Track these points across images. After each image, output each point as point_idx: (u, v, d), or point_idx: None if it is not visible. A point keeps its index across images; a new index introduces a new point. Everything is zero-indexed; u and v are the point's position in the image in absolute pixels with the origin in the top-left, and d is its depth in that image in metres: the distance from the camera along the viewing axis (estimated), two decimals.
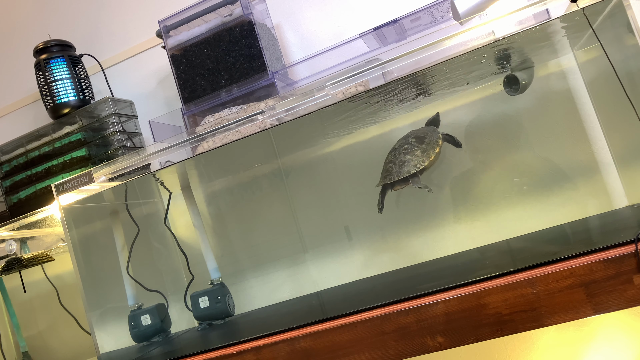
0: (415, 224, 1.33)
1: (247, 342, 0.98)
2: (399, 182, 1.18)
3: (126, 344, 1.31)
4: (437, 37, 0.97)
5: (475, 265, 1.04)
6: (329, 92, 1.04)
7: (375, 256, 1.36)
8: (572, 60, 1.24)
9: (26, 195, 1.49)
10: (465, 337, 0.84)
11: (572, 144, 1.24)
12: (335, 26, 1.43)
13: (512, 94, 1.22)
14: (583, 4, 0.91)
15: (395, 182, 1.18)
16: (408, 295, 0.91)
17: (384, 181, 1.20)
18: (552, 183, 1.24)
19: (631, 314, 1.18)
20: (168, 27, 1.34)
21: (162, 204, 1.50)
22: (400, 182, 1.18)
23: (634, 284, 0.77)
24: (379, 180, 1.23)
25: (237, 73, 1.27)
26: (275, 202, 1.44)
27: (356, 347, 0.88)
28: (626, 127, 1.08)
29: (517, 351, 1.25)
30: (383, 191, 1.25)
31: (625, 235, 0.84)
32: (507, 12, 0.94)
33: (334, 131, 1.34)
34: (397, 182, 1.18)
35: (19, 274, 1.50)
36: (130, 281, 1.32)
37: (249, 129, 1.10)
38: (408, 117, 1.34)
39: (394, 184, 1.19)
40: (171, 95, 1.58)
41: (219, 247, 1.48)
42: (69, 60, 1.51)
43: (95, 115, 1.47)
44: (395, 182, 1.18)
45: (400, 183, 1.18)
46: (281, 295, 1.42)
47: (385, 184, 1.21)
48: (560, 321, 0.80)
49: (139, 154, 1.16)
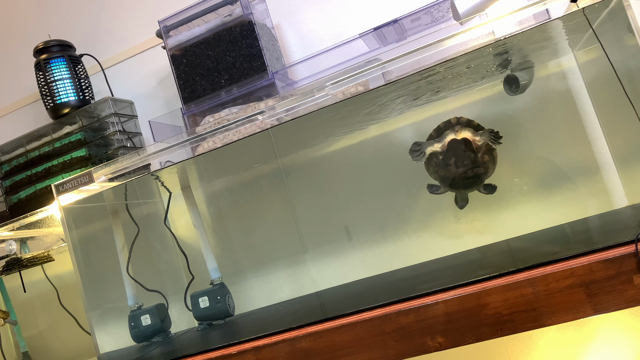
0: (415, 223, 1.33)
1: (247, 342, 0.98)
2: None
3: (126, 344, 1.31)
4: (437, 37, 0.97)
5: (475, 265, 1.04)
6: (329, 92, 1.04)
7: (375, 256, 1.36)
8: (572, 60, 1.24)
9: (26, 195, 1.49)
10: (465, 337, 0.84)
11: (572, 144, 1.24)
12: (335, 26, 1.43)
13: (512, 94, 1.22)
14: (583, 4, 0.91)
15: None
16: (408, 295, 0.91)
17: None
18: (552, 183, 1.24)
19: (631, 314, 1.18)
20: (168, 27, 1.34)
21: (162, 204, 1.50)
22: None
23: (634, 284, 0.77)
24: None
25: (237, 73, 1.27)
26: (275, 202, 1.44)
27: (356, 347, 0.88)
28: (626, 127, 1.08)
29: (517, 351, 1.25)
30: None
31: (625, 235, 0.84)
32: (507, 12, 0.94)
33: (334, 131, 1.34)
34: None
35: (19, 274, 1.50)
36: (130, 281, 1.32)
37: (249, 129, 1.10)
38: (408, 117, 1.34)
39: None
40: (171, 95, 1.58)
41: (219, 247, 1.48)
42: (69, 60, 1.51)
43: (95, 115, 1.47)
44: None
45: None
46: (281, 295, 1.42)
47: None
48: (560, 321, 0.80)
49: (139, 154, 1.16)
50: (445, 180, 1.16)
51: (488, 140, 1.12)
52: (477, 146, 1.12)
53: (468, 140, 1.11)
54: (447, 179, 1.15)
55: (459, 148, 1.12)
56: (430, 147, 1.14)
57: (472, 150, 1.12)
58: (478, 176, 1.15)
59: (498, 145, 1.14)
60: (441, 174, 1.15)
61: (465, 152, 1.12)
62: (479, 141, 1.12)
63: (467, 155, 1.12)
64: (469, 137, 1.11)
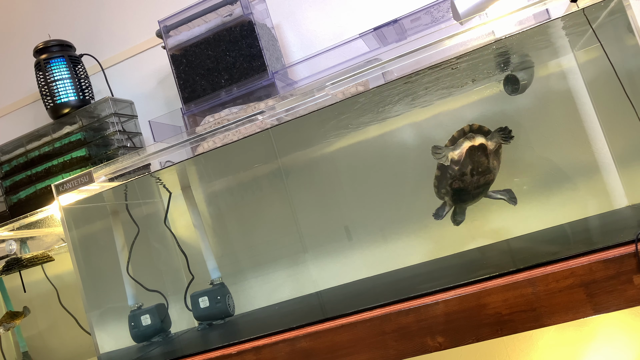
0: (415, 223, 1.33)
1: (247, 342, 0.98)
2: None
3: (126, 344, 1.31)
4: (437, 37, 0.97)
5: (475, 265, 1.04)
6: (329, 92, 1.04)
7: (375, 256, 1.36)
8: (572, 60, 1.24)
9: (26, 195, 1.49)
10: (465, 337, 0.84)
11: (572, 144, 1.24)
12: (335, 26, 1.43)
13: (512, 94, 1.22)
14: (583, 4, 0.91)
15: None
16: (408, 295, 0.91)
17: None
18: (552, 183, 1.24)
19: (631, 314, 1.18)
20: (168, 27, 1.34)
21: (162, 204, 1.50)
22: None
23: (634, 284, 0.77)
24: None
25: (237, 73, 1.27)
26: (275, 202, 1.44)
27: (356, 347, 0.88)
28: (626, 127, 1.08)
29: (517, 351, 1.25)
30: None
31: (625, 235, 0.84)
32: (507, 12, 0.94)
33: (334, 131, 1.34)
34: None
35: (19, 274, 1.50)
36: (130, 281, 1.32)
37: (249, 129, 1.10)
38: (408, 117, 1.34)
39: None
40: (171, 95, 1.58)
41: (219, 247, 1.48)
42: (69, 60, 1.51)
43: (95, 115, 1.47)
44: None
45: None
46: (281, 295, 1.42)
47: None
48: (560, 321, 0.80)
49: (139, 154, 1.16)
50: (458, 193, 1.14)
51: (500, 140, 1.12)
52: (490, 151, 1.12)
53: (484, 145, 1.11)
54: (460, 191, 1.14)
55: (476, 155, 1.11)
56: (451, 152, 1.12)
57: (486, 156, 1.11)
58: (488, 184, 1.14)
59: (505, 144, 1.13)
60: (455, 187, 1.13)
61: (481, 158, 1.11)
62: (491, 145, 1.12)
63: (482, 162, 1.11)
64: (484, 142, 1.11)
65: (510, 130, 1.12)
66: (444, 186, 1.15)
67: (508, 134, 1.11)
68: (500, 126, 1.12)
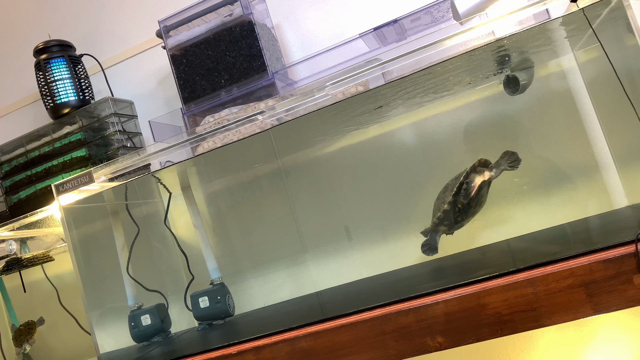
0: (416, 223, 1.33)
1: (247, 342, 0.98)
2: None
3: (126, 344, 1.31)
4: (437, 37, 0.97)
5: (475, 265, 1.04)
6: (329, 92, 1.04)
7: (375, 256, 1.36)
8: (572, 60, 1.24)
9: (26, 195, 1.49)
10: (465, 337, 0.84)
11: (572, 144, 1.24)
12: (335, 26, 1.43)
13: (512, 94, 1.22)
14: (583, 4, 0.91)
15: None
16: (408, 295, 0.91)
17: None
18: (552, 183, 1.24)
19: (631, 314, 1.18)
20: (168, 27, 1.34)
21: (162, 204, 1.50)
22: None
23: (634, 284, 0.77)
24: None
25: (237, 73, 1.27)
26: (275, 202, 1.44)
27: (356, 347, 0.88)
28: (626, 127, 1.08)
29: (517, 351, 1.25)
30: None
31: (625, 235, 0.84)
32: (507, 12, 0.94)
33: (334, 131, 1.34)
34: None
35: (19, 274, 1.50)
36: (130, 281, 1.32)
37: (249, 129, 1.10)
38: (408, 117, 1.34)
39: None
40: (171, 95, 1.58)
41: (219, 247, 1.48)
42: (69, 60, 1.51)
43: (95, 115, 1.47)
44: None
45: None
46: (281, 295, 1.42)
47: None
48: (560, 321, 0.80)
49: (139, 154, 1.16)
50: (456, 223, 1.15)
51: (506, 168, 1.11)
52: (489, 183, 1.12)
53: (491, 179, 1.11)
54: (457, 224, 1.15)
55: (483, 189, 1.12)
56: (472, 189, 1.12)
57: (488, 186, 1.12)
58: (474, 214, 1.16)
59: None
60: (459, 220, 1.14)
61: (486, 191, 1.12)
62: (494, 175, 1.12)
63: (484, 194, 1.13)
64: (489, 175, 1.12)
65: (518, 158, 1.10)
66: (448, 218, 1.15)
67: (514, 163, 1.10)
68: (508, 150, 1.11)
